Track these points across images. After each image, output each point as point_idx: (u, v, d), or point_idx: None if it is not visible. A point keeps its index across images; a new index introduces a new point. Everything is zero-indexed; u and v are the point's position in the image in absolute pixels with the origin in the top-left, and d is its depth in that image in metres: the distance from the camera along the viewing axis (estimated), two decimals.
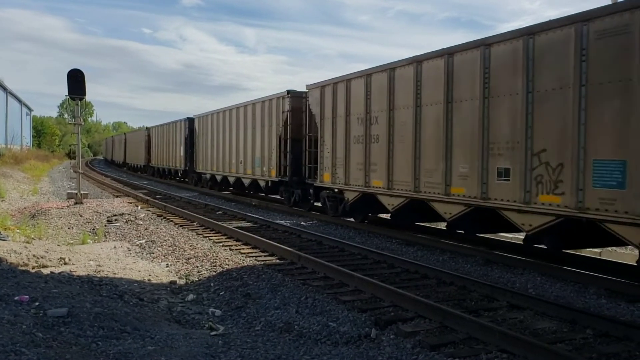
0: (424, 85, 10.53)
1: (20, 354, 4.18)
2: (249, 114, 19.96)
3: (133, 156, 46.96)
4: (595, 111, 7.31)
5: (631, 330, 5.48)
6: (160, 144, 35.86)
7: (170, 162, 32.92)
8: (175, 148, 31.43)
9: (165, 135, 34.48)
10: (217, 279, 8.22)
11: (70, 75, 16.83)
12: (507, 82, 8.62)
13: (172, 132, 32.56)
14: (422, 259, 9.60)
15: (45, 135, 75.93)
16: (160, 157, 35.93)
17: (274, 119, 17.74)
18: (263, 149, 18.57)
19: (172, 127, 32.59)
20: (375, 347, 5.38)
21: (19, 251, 8.68)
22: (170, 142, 32.74)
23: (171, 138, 32.58)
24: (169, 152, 33.27)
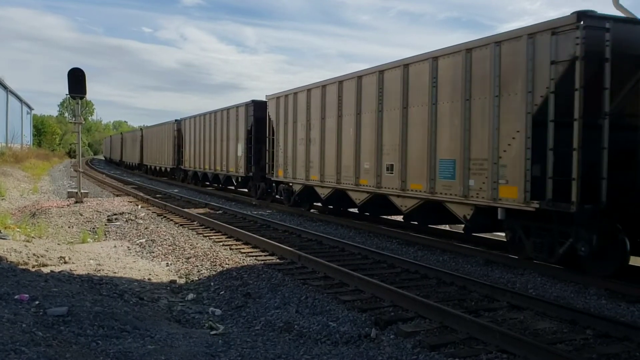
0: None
1: (20, 352, 4.18)
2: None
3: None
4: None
5: (631, 330, 5.48)
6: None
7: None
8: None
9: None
10: (217, 278, 8.22)
11: (70, 74, 16.84)
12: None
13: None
14: (423, 259, 9.60)
15: (46, 134, 75.94)
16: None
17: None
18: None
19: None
20: (375, 347, 5.38)
21: (19, 250, 8.68)
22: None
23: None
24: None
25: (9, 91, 50.63)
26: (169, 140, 32.66)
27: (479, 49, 9.23)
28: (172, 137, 31.80)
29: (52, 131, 78.46)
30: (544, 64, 7.96)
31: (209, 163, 24.93)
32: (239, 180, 21.73)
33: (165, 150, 33.78)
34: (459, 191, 9.51)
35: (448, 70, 9.90)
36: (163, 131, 34.40)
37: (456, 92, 9.62)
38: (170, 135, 32.25)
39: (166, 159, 33.48)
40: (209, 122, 25.14)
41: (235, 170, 21.49)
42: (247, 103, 20.75)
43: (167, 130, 33.14)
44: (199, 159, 26.39)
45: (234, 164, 21.72)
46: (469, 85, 9.36)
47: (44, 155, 52.66)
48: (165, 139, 33.67)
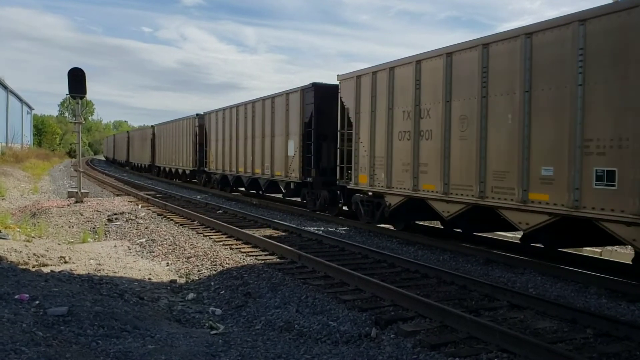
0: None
1: (20, 352, 4.18)
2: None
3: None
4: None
5: (632, 330, 5.47)
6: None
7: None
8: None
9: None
10: (217, 278, 8.22)
11: (70, 74, 16.84)
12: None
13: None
14: (423, 258, 9.60)
15: (46, 133, 75.99)
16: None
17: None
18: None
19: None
20: (375, 346, 5.38)
21: (19, 250, 8.68)
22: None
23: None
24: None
25: (9, 91, 50.63)
26: (188, 139, 28.64)
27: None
28: (192, 134, 27.84)
29: (52, 131, 78.52)
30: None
31: (243, 165, 20.61)
32: (290, 186, 16.96)
33: (183, 149, 29.78)
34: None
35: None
36: (180, 128, 30.34)
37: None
38: (189, 133, 28.36)
39: (184, 160, 29.38)
40: (243, 115, 20.76)
41: (285, 174, 16.96)
42: (304, 88, 15.96)
43: (186, 126, 29.19)
44: (230, 160, 22.03)
45: (281, 166, 17.21)
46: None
47: (44, 155, 52.68)
48: (183, 136, 29.72)
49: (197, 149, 27.20)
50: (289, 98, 16.74)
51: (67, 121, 58.94)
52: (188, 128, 28.84)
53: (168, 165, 33.55)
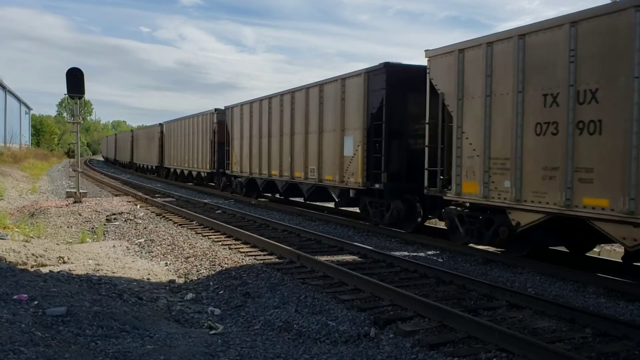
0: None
1: (19, 352, 4.18)
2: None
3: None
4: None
5: (630, 329, 5.48)
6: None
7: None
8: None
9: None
10: (216, 278, 8.22)
11: (69, 74, 16.82)
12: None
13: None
14: (422, 258, 9.59)
15: (44, 133, 75.92)
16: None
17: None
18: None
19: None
20: (374, 346, 5.38)
21: (17, 250, 8.67)
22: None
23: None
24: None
25: (7, 91, 50.59)
26: (204, 137, 25.34)
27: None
28: (208, 131, 24.68)
29: (51, 131, 78.47)
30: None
31: (278, 167, 17.15)
32: (347, 194, 13.60)
33: (198, 149, 26.38)
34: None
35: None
36: (194, 125, 27.05)
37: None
38: (205, 130, 25.17)
39: (200, 161, 26.03)
40: (278, 108, 17.17)
41: (339, 179, 13.56)
42: (370, 70, 12.53)
43: (202, 123, 25.82)
44: (260, 162, 18.65)
45: (334, 169, 13.82)
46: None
47: (43, 155, 52.63)
48: (198, 134, 26.42)
49: (215, 148, 23.93)
50: (346, 84, 13.40)
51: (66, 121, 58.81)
52: (204, 125, 25.46)
53: (179, 167, 30.26)
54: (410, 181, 11.64)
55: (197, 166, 26.64)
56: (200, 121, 26.20)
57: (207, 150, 24.89)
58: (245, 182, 20.32)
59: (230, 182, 22.46)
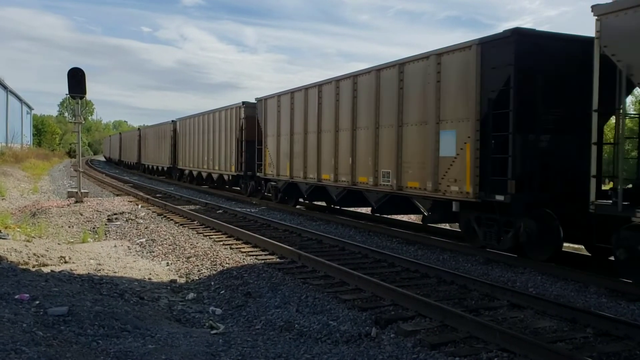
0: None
1: (21, 352, 4.19)
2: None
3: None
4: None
5: (631, 329, 5.47)
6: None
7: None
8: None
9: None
10: (217, 277, 8.22)
11: (70, 74, 16.84)
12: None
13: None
14: (423, 258, 9.60)
15: (46, 133, 75.93)
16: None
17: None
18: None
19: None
20: (375, 346, 5.38)
21: (19, 250, 8.68)
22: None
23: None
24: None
25: (9, 91, 50.63)
26: (228, 134, 22.17)
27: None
28: (234, 128, 21.49)
29: (52, 131, 78.47)
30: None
31: (332, 170, 13.75)
32: (448, 208, 10.19)
33: (219, 149, 23.15)
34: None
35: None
36: (215, 121, 23.97)
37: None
38: (230, 126, 22.00)
39: (223, 162, 22.76)
40: (332, 97, 13.77)
41: (432, 187, 10.24)
42: (488, 40, 9.25)
43: (225, 119, 22.62)
44: (305, 163, 15.20)
45: (423, 173, 10.57)
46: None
47: (44, 155, 52.60)
48: (218, 132, 23.46)
49: (242, 147, 20.79)
50: (444, 62, 10.06)
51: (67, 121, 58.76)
52: (229, 121, 22.26)
53: (196, 169, 27.10)
54: (544, 191, 9.00)
55: (218, 168, 23.39)
56: (224, 117, 22.84)
57: (232, 150, 21.56)
58: (284, 187, 16.91)
59: (260, 186, 19.54)
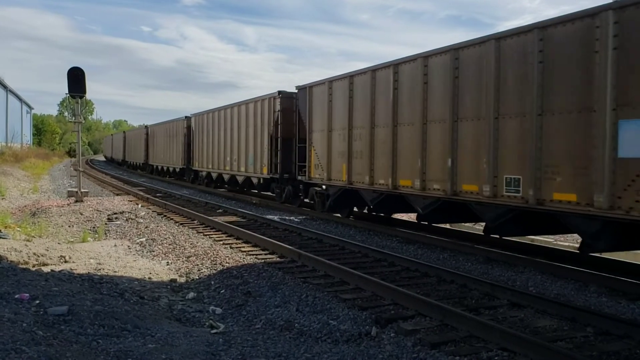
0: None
1: (21, 352, 4.18)
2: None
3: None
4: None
5: (632, 328, 5.48)
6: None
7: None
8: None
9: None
10: (217, 277, 8.22)
11: (70, 73, 16.82)
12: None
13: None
14: (423, 257, 9.60)
15: (46, 133, 75.94)
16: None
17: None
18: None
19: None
20: (375, 345, 5.38)
21: (19, 249, 8.68)
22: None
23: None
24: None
25: (9, 90, 50.61)
26: (257, 131, 19.03)
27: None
28: (265, 123, 18.34)
29: (52, 130, 78.46)
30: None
31: (417, 173, 10.60)
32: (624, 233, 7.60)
33: (247, 148, 19.95)
34: None
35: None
36: (241, 116, 20.66)
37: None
38: (261, 122, 18.70)
39: (251, 164, 19.57)
40: (419, 79, 10.54)
41: (608, 203, 7.13)
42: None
43: (255, 113, 19.23)
44: (371, 165, 12.10)
45: (579, 181, 7.60)
46: None
47: (44, 155, 52.60)
48: (244, 128, 20.22)
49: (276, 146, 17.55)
50: (626, 22, 7.01)
51: (67, 120, 58.75)
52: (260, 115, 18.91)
53: (215, 170, 23.83)
54: None
55: (245, 169, 20.22)
56: (252, 110, 19.56)
57: (264, 149, 18.41)
58: (336, 194, 13.82)
59: (298, 191, 16.53)
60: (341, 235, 11.60)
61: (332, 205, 14.29)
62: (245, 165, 20.33)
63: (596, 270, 7.96)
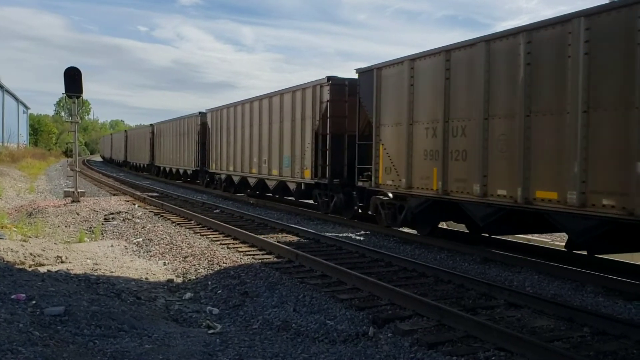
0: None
1: (17, 352, 4.17)
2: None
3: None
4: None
5: (628, 328, 5.49)
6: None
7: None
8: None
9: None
10: (214, 277, 8.21)
11: (67, 73, 16.78)
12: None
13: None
14: (420, 257, 9.60)
15: (42, 133, 75.78)
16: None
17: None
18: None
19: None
20: (372, 345, 5.38)
21: (15, 249, 8.65)
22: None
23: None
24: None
25: (5, 90, 50.51)
26: (295, 126, 15.88)
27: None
28: (307, 117, 15.18)
29: (49, 130, 78.28)
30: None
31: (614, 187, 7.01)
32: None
33: (278, 146, 17.01)
34: None
35: None
36: (270, 110, 17.62)
37: None
38: (298, 116, 15.75)
39: (287, 166, 16.44)
40: (560, 52, 7.67)
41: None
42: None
43: (291, 105, 16.19)
44: (521, 169, 8.20)
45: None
46: None
47: (41, 155, 52.47)
48: (277, 123, 17.06)
49: (324, 144, 14.63)
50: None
51: (64, 120, 58.65)
52: (299, 107, 15.69)
53: (237, 173, 20.66)
54: None
55: (279, 173, 16.99)
56: (289, 102, 16.35)
57: (307, 148, 15.27)
58: (420, 206, 10.67)
59: (351, 200, 13.81)
60: (338, 236, 11.58)
61: (409, 219, 11.28)
62: (278, 167, 17.12)
63: (593, 270, 7.98)
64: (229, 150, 21.60)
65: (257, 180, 18.98)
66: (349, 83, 13.82)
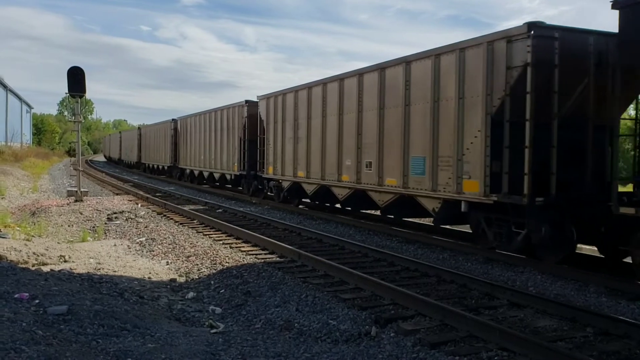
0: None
1: (20, 351, 4.18)
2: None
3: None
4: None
5: (631, 328, 5.47)
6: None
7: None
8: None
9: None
10: (217, 276, 8.22)
11: (70, 73, 16.81)
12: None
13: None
14: (423, 257, 9.59)
15: (45, 132, 75.85)
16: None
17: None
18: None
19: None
20: (375, 345, 5.38)
21: (19, 249, 8.67)
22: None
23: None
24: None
25: (9, 90, 50.60)
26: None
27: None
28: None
29: (52, 130, 78.36)
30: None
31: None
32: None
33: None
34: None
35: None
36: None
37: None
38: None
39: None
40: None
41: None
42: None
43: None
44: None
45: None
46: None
47: (44, 154, 52.57)
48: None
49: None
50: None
51: (67, 120, 58.70)
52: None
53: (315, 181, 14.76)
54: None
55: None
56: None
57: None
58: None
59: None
60: (341, 235, 11.59)
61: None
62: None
63: (596, 271, 7.96)
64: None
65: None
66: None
